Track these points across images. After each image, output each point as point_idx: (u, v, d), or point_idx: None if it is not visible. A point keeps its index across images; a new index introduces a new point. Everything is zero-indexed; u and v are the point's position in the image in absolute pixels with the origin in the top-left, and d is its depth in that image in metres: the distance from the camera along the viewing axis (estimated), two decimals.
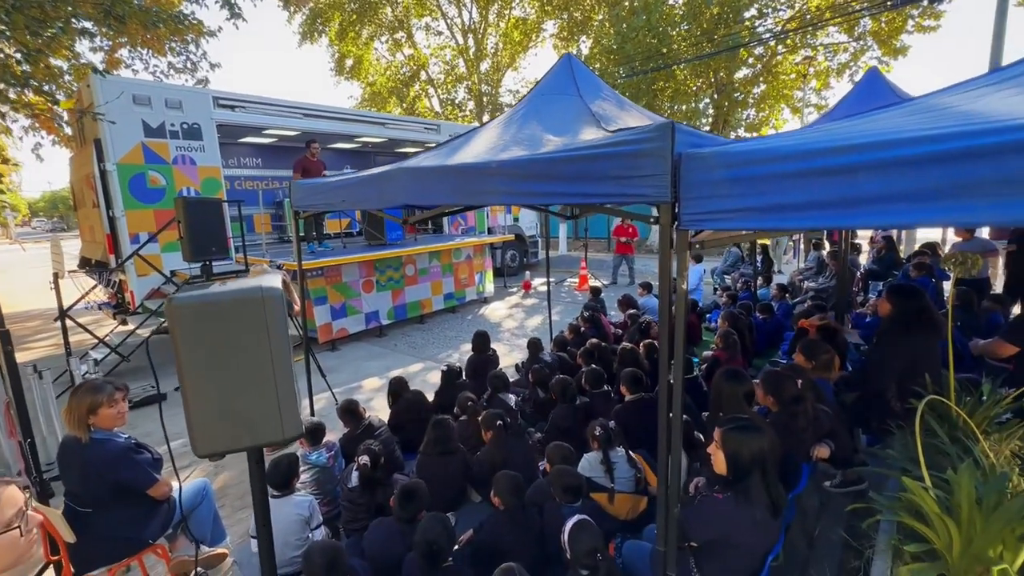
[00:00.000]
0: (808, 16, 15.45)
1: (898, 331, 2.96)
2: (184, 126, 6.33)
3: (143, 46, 8.88)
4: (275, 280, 1.07)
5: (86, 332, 5.97)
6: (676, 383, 1.66)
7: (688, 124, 2.46)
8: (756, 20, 16.02)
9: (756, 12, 15.87)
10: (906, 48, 14.90)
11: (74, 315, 5.63)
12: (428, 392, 4.17)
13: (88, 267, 7.37)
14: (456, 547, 2.23)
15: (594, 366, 3.81)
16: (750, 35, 15.78)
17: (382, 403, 4.05)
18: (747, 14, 15.73)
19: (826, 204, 1.23)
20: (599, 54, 17.60)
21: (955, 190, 1.05)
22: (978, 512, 1.67)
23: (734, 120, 18.28)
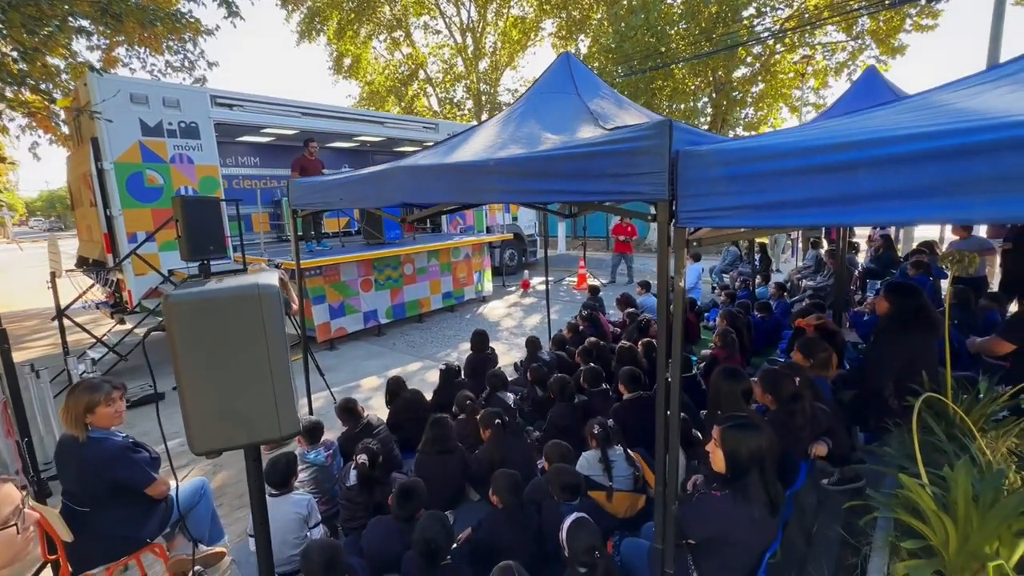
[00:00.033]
0: (806, 15, 15.46)
1: (896, 329, 2.96)
2: (182, 125, 6.32)
3: (140, 44, 8.87)
4: (272, 277, 1.07)
5: (84, 331, 5.96)
6: (674, 381, 1.66)
7: (686, 123, 2.45)
8: (754, 19, 16.03)
9: (754, 11, 15.87)
10: (904, 47, 14.92)
11: (72, 314, 5.62)
12: (427, 391, 4.17)
13: (85, 266, 7.35)
14: (454, 545, 2.23)
15: (592, 364, 3.81)
16: (748, 34, 15.78)
17: (381, 402, 4.05)
18: (745, 13, 15.72)
19: (823, 201, 1.23)
20: (597, 53, 17.58)
21: (951, 187, 1.06)
22: (974, 509, 1.68)
23: (732, 119, 18.29)
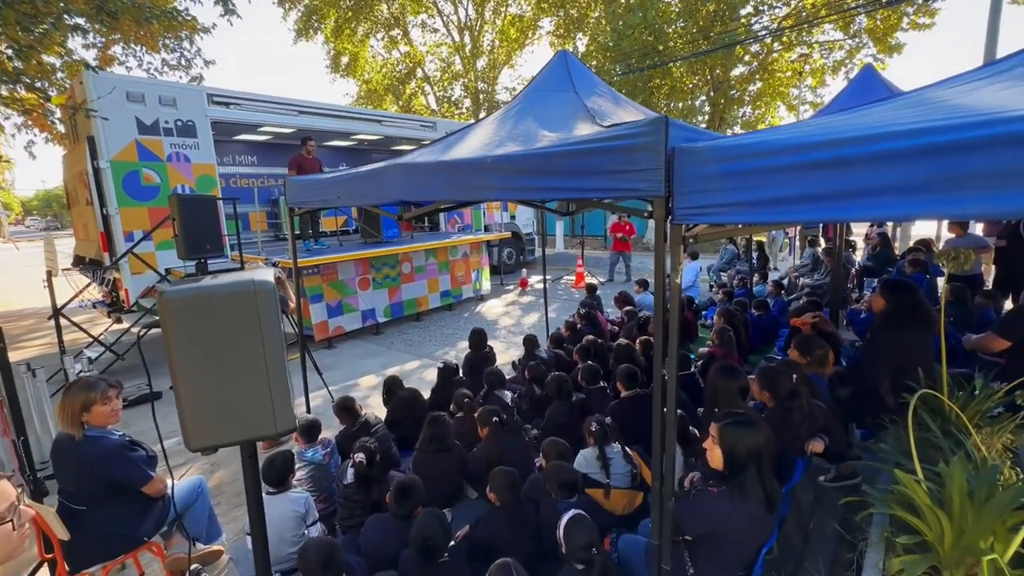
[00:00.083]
0: (804, 13, 15.48)
1: (892, 326, 2.97)
2: (178, 123, 6.30)
3: (136, 43, 8.85)
4: (267, 274, 1.06)
5: (80, 330, 5.94)
6: (671, 378, 1.67)
7: (684, 122, 2.45)
8: (752, 17, 16.04)
9: (752, 9, 15.88)
10: (901, 46, 14.95)
11: (68, 314, 5.60)
12: (425, 390, 4.17)
13: (82, 265, 7.33)
14: (452, 543, 2.23)
15: (590, 362, 3.82)
16: (746, 32, 15.79)
17: (378, 400, 4.05)
18: (743, 11, 15.74)
19: (818, 197, 1.23)
20: (595, 51, 17.57)
21: (946, 182, 1.06)
22: (969, 504, 1.69)
23: (730, 118, 18.31)
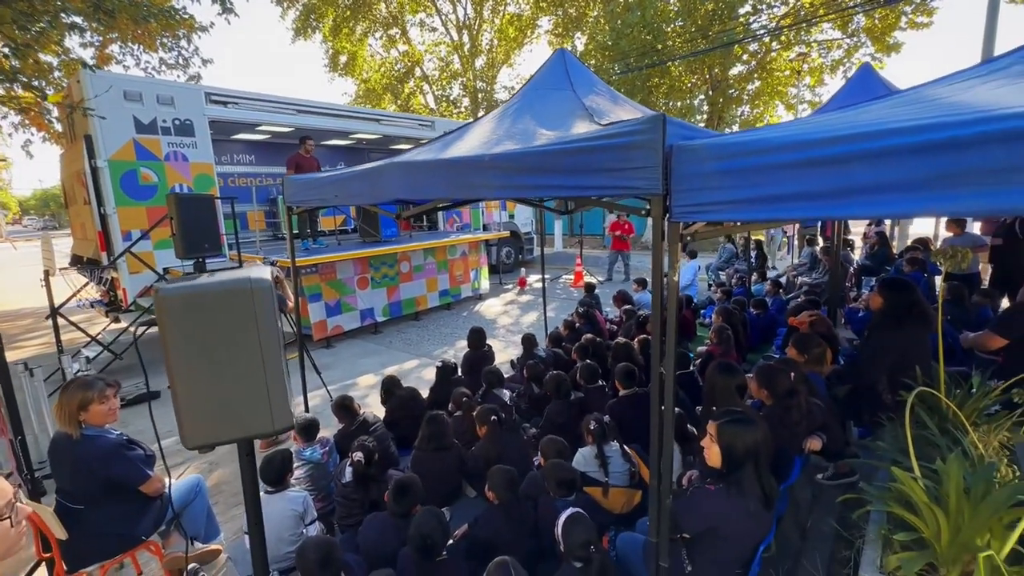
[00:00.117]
0: (802, 12, 15.50)
1: (889, 325, 2.98)
2: (176, 122, 6.28)
3: (134, 41, 8.82)
4: (263, 271, 1.06)
5: (78, 330, 5.93)
6: (668, 375, 1.67)
7: (683, 121, 2.45)
8: (750, 16, 16.05)
9: (750, 8, 15.91)
10: (899, 45, 15.00)
11: (66, 313, 5.59)
12: (423, 389, 4.17)
13: (80, 265, 7.32)
14: (451, 542, 2.23)
15: (589, 361, 3.82)
16: (744, 32, 15.81)
17: (377, 400, 4.05)
18: (741, 10, 15.76)
19: (816, 194, 1.23)
20: (594, 50, 17.58)
21: (943, 180, 1.06)
22: (966, 501, 1.69)
23: (729, 117, 18.34)
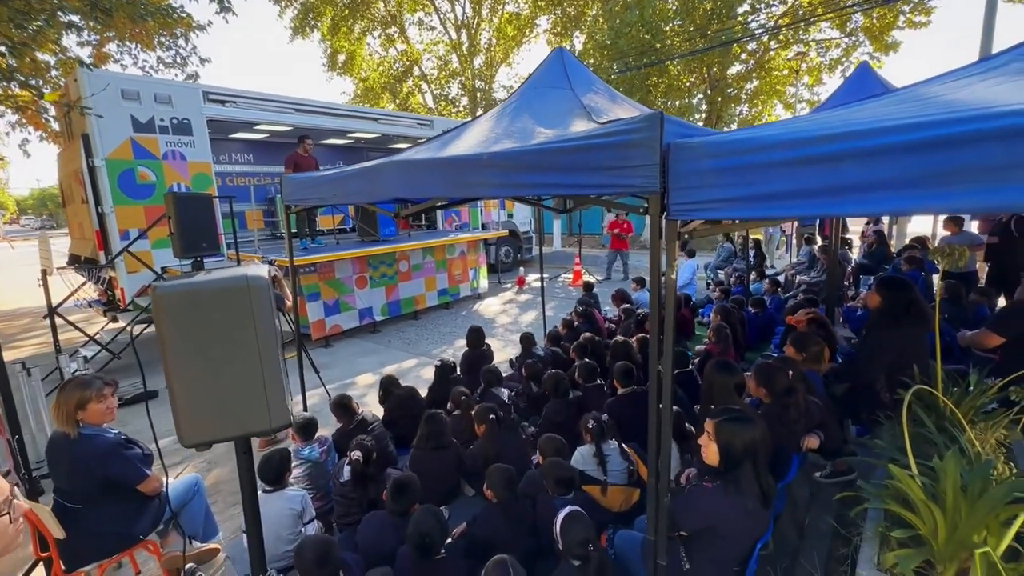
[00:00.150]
0: (800, 12, 15.51)
1: (887, 323, 2.98)
2: (174, 121, 6.27)
3: (131, 40, 8.80)
4: (261, 269, 1.06)
5: (76, 329, 5.91)
6: (666, 373, 1.67)
7: (681, 119, 2.46)
8: (749, 16, 16.07)
9: (749, 7, 15.92)
10: (897, 44, 15.03)
11: (64, 313, 5.57)
12: (422, 388, 4.17)
13: (77, 264, 7.30)
14: (449, 540, 2.23)
15: (587, 360, 3.82)
16: (743, 31, 15.82)
17: (376, 399, 4.05)
18: (740, 9, 15.77)
19: (811, 192, 1.24)
20: (592, 49, 17.58)
21: (937, 177, 1.06)
22: (963, 499, 1.69)
23: (727, 116, 18.36)
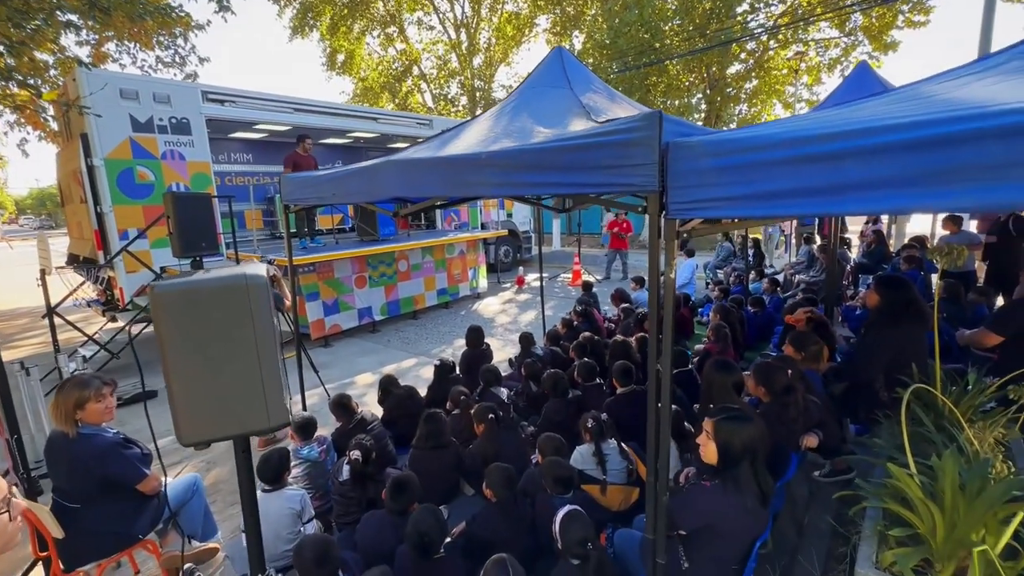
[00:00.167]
0: (799, 11, 15.51)
1: (886, 322, 2.99)
2: (173, 121, 6.26)
3: (130, 40, 8.77)
4: (259, 268, 1.06)
5: (75, 329, 5.91)
6: (665, 371, 1.67)
7: (680, 118, 2.45)
8: (748, 15, 16.07)
9: (748, 7, 15.92)
10: (896, 43, 15.02)
11: (63, 312, 5.57)
12: (421, 387, 4.17)
13: (76, 264, 7.29)
14: (448, 539, 2.24)
15: (586, 359, 3.82)
16: (742, 30, 15.82)
17: (375, 398, 4.05)
18: (739, 9, 15.77)
19: (811, 191, 1.24)
20: (592, 49, 17.57)
21: (937, 176, 1.06)
22: (961, 497, 1.70)
23: (727, 115, 18.36)
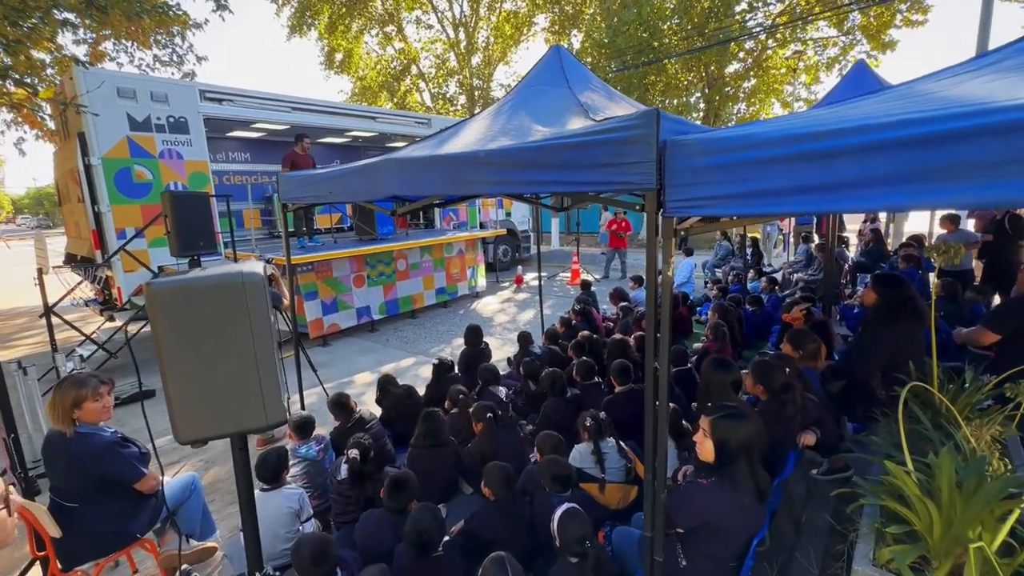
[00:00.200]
0: (798, 10, 15.52)
1: (883, 320, 2.99)
2: (170, 119, 6.24)
3: (127, 38, 8.76)
4: (256, 266, 1.06)
5: (73, 329, 5.90)
6: (662, 369, 1.67)
7: (678, 116, 2.45)
8: (746, 14, 16.07)
9: (746, 6, 15.93)
10: (894, 42, 15.03)
11: (61, 312, 5.56)
12: (420, 386, 4.17)
13: (74, 263, 7.27)
14: (447, 538, 2.24)
15: (585, 358, 3.82)
16: (740, 29, 15.82)
17: (373, 397, 4.05)
18: (737, 8, 15.77)
19: (806, 188, 1.24)
20: (590, 48, 17.56)
21: (933, 173, 1.07)
22: (958, 494, 1.70)
23: (725, 114, 18.36)
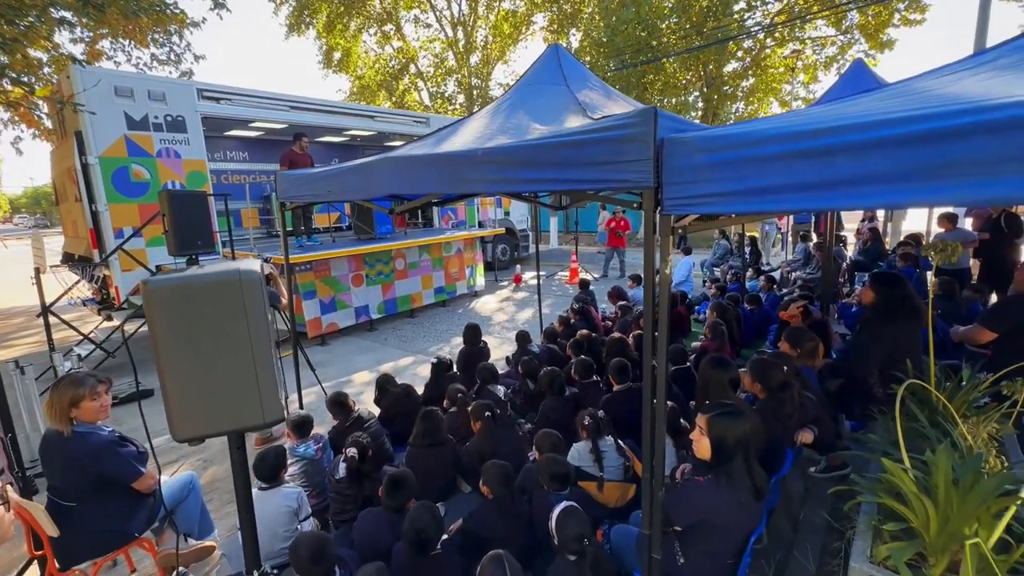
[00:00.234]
0: (796, 9, 15.54)
1: (881, 319, 3.00)
2: (168, 118, 6.23)
3: (125, 37, 8.74)
4: (253, 264, 1.06)
5: (70, 328, 5.89)
6: (660, 367, 1.67)
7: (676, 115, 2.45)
8: (745, 13, 16.08)
9: (745, 5, 15.93)
10: (892, 42, 15.06)
11: (59, 311, 5.55)
12: (418, 385, 4.17)
13: (71, 262, 7.26)
14: (445, 536, 2.24)
15: (583, 357, 3.83)
16: (739, 28, 15.82)
17: (372, 397, 4.05)
18: (736, 7, 15.78)
19: (805, 186, 1.24)
20: (589, 47, 17.56)
21: (929, 170, 1.07)
22: (955, 492, 1.71)
23: (723, 113, 18.37)
